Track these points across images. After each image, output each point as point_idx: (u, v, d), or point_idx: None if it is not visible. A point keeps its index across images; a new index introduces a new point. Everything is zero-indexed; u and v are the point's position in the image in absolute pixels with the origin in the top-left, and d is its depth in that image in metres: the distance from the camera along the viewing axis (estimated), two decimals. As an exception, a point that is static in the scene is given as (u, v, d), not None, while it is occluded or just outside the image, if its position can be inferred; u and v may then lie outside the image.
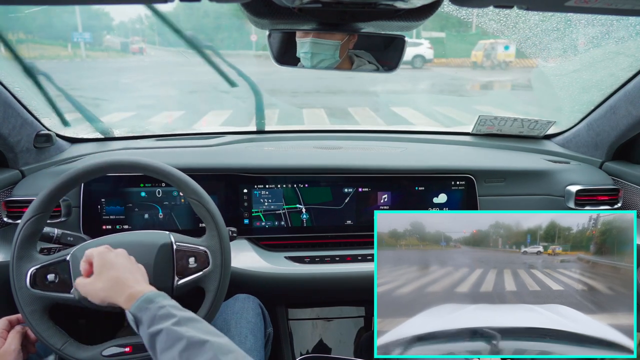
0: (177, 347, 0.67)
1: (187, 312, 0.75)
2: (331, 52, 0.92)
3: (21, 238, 0.91)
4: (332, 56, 0.93)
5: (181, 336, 0.68)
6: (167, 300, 0.76)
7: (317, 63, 0.94)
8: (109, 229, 1.30)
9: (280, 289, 1.32)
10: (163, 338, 0.69)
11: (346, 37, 0.90)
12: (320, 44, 0.91)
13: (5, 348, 0.87)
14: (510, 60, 13.14)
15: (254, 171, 1.35)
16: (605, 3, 0.53)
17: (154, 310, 0.73)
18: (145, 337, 0.72)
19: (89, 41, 14.58)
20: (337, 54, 0.93)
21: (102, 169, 0.96)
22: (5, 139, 1.25)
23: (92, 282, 0.82)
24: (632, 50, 1.37)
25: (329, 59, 0.94)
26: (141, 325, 0.73)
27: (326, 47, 0.92)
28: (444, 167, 1.41)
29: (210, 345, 0.66)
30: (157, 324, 0.71)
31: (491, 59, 12.97)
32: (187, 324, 0.71)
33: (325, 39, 0.91)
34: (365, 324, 1.54)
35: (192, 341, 0.67)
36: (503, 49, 12.63)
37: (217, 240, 0.97)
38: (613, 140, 1.44)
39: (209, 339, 0.67)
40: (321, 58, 0.94)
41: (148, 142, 1.62)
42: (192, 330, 0.70)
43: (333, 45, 0.91)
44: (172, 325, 0.70)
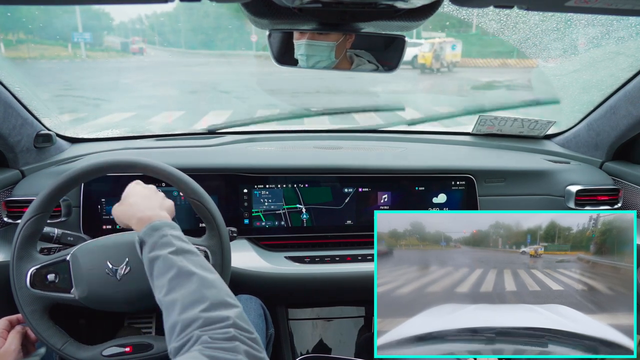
0: (168, 274, 0.71)
1: (187, 244, 0.79)
2: (327, 53, 0.92)
3: (21, 238, 0.91)
4: (327, 57, 0.93)
5: (173, 264, 0.73)
6: (171, 230, 0.80)
7: (314, 64, 0.95)
8: (109, 229, 1.30)
9: (280, 289, 1.32)
10: (160, 264, 0.74)
11: (342, 37, 0.90)
12: (316, 46, 0.92)
13: (5, 348, 0.87)
14: (457, 60, 12.35)
15: (254, 171, 1.35)
16: (605, 3, 0.53)
17: (156, 238, 0.78)
18: (145, 261, 0.78)
19: (89, 41, 14.59)
20: (332, 55, 0.93)
21: (102, 169, 0.96)
22: (5, 139, 1.25)
23: (117, 206, 0.92)
24: (632, 50, 1.37)
25: (325, 60, 0.94)
26: (144, 249, 0.79)
27: (321, 49, 0.92)
28: (444, 167, 1.41)
29: (197, 278, 0.70)
30: (157, 250, 0.76)
31: (440, 60, 12.08)
32: (182, 254, 0.75)
33: (320, 40, 0.91)
34: (365, 324, 1.54)
35: (182, 271, 0.71)
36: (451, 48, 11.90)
37: (217, 240, 0.97)
38: (613, 140, 1.44)
39: (197, 272, 0.71)
40: (317, 59, 0.94)
41: (148, 142, 1.62)
42: (185, 261, 0.74)
43: (328, 46, 0.92)
44: (169, 254, 0.75)
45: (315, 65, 0.95)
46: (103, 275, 0.90)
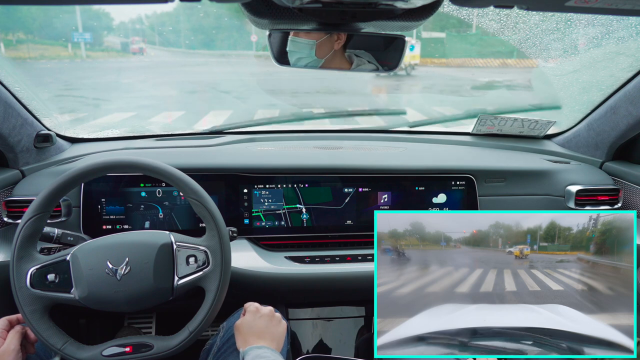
0: None
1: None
2: (306, 50, 0.93)
3: (21, 238, 0.91)
4: (308, 55, 0.93)
5: None
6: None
7: (296, 61, 0.95)
8: (109, 229, 1.30)
9: (280, 289, 1.32)
10: None
11: (323, 36, 0.90)
12: (297, 42, 0.92)
13: (5, 348, 0.87)
14: (416, 62, 11.63)
15: (254, 171, 1.35)
16: (605, 3, 0.53)
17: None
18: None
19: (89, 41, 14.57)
20: (312, 53, 0.93)
21: (102, 169, 0.96)
22: (5, 139, 1.25)
23: (247, 317, 1.02)
24: (632, 50, 1.37)
25: (306, 57, 0.94)
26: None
27: (301, 46, 0.92)
28: (444, 167, 1.41)
29: None
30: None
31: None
32: None
33: (301, 37, 0.92)
34: (365, 324, 1.54)
35: None
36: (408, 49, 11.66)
37: (217, 240, 0.97)
38: (613, 140, 1.44)
39: None
40: (298, 56, 0.94)
41: (148, 142, 1.62)
42: None
43: (308, 44, 0.92)
44: None
45: (297, 63, 0.95)
46: (103, 275, 0.90)
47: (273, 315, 1.03)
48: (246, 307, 1.06)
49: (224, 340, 1.07)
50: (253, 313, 1.02)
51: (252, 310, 1.03)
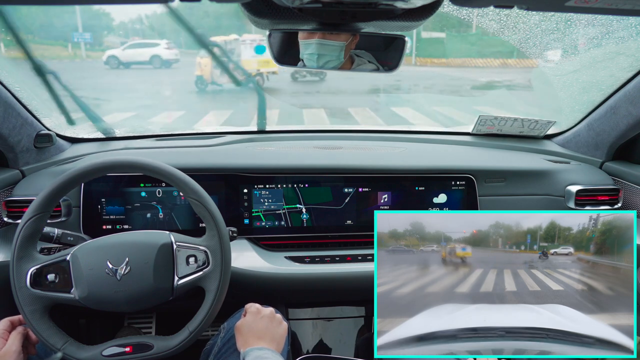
0: None
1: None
2: (337, 53, 0.92)
3: (21, 238, 0.91)
4: (337, 57, 0.93)
5: None
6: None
7: (324, 64, 0.95)
8: (109, 229, 1.30)
9: (280, 289, 1.32)
10: None
11: (350, 37, 0.90)
12: (327, 45, 0.91)
13: (6, 349, 0.87)
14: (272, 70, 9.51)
15: (254, 171, 1.35)
16: (605, 3, 0.53)
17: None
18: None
19: (90, 41, 14.58)
20: (342, 55, 0.93)
21: (102, 169, 0.96)
22: (5, 139, 1.25)
23: (246, 319, 1.02)
24: (632, 50, 1.37)
25: (334, 60, 0.94)
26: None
27: (332, 48, 0.92)
28: (444, 167, 1.41)
29: None
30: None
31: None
32: None
33: (331, 40, 0.91)
34: (365, 324, 1.54)
35: None
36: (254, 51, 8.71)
37: (217, 240, 0.97)
38: (613, 140, 1.44)
39: None
40: (327, 59, 0.94)
41: (148, 142, 1.62)
42: None
43: (339, 46, 0.91)
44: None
45: (325, 65, 0.95)
46: (103, 275, 0.90)
47: (274, 317, 1.03)
48: (247, 308, 1.05)
49: (225, 340, 1.07)
50: (254, 314, 1.02)
51: (253, 311, 1.03)
